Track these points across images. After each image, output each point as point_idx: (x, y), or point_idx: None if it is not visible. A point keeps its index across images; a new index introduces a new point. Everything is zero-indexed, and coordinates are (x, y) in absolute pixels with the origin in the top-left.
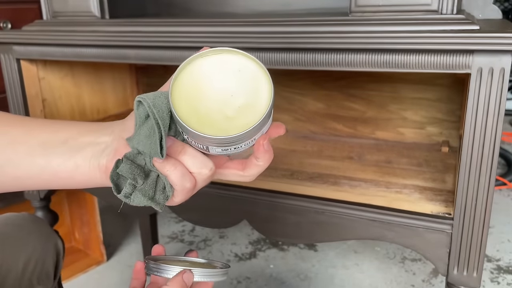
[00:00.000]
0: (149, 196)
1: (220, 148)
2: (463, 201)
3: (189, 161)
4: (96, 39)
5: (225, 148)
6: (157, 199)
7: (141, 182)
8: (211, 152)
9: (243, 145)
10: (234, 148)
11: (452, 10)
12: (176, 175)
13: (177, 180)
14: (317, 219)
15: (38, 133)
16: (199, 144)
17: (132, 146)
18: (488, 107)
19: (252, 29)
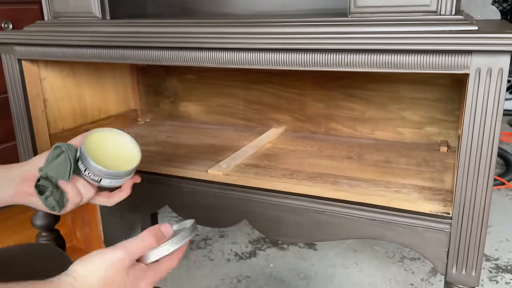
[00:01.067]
0: (56, 200)
1: (108, 180)
2: (462, 201)
3: (81, 187)
4: (97, 39)
5: (110, 180)
6: (60, 203)
7: (55, 191)
8: (101, 183)
9: (120, 181)
10: (116, 181)
11: (451, 11)
12: (73, 192)
13: (72, 195)
14: (316, 219)
15: None
16: (95, 177)
17: (43, 171)
18: (486, 107)
19: (251, 30)
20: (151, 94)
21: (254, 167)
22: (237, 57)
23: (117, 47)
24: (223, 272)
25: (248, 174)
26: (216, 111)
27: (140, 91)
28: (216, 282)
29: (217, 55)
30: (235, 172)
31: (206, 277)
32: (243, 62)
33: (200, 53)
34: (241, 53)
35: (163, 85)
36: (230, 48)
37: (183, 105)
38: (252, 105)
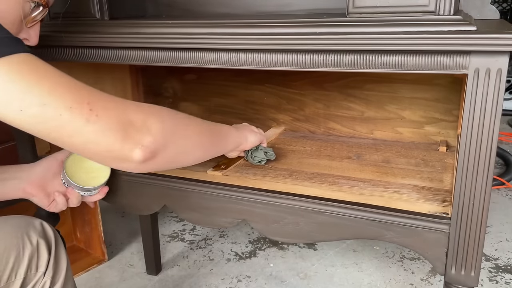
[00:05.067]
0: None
1: (82, 192)
2: (461, 201)
3: (71, 195)
4: (96, 40)
5: (83, 192)
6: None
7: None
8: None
9: (92, 192)
10: (89, 193)
11: (450, 11)
12: (61, 199)
13: (61, 201)
14: (315, 219)
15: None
16: (74, 189)
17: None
18: (485, 107)
19: (250, 31)
20: (150, 95)
21: (253, 168)
22: (237, 58)
23: (116, 47)
24: (223, 272)
25: (247, 175)
26: (216, 111)
27: (140, 92)
28: (216, 282)
29: (217, 56)
30: (234, 173)
31: (206, 277)
32: (242, 63)
33: (200, 54)
34: (240, 54)
35: (163, 85)
36: (229, 49)
37: (183, 105)
38: (251, 105)
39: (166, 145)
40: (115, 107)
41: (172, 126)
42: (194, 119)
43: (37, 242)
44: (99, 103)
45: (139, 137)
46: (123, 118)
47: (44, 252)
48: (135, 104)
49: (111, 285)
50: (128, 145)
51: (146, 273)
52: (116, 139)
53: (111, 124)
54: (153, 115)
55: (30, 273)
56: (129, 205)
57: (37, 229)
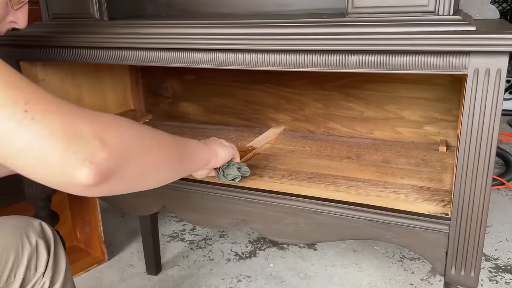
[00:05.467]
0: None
1: None
2: (460, 201)
3: None
4: (95, 40)
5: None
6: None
7: None
8: None
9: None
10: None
11: (449, 11)
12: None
13: None
14: (315, 219)
15: None
16: None
17: None
18: (485, 107)
19: (250, 31)
20: (150, 95)
21: (253, 168)
22: (236, 58)
23: (116, 48)
24: (223, 272)
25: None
26: (215, 111)
27: (139, 92)
28: (216, 282)
29: (216, 56)
30: None
31: (206, 277)
32: (242, 63)
33: (199, 54)
34: (240, 54)
35: (162, 85)
36: (229, 49)
37: (182, 105)
38: (251, 105)
39: (125, 164)
40: (60, 111)
41: (133, 140)
42: (159, 133)
43: (36, 242)
44: (39, 104)
45: (89, 152)
46: (67, 125)
47: (43, 253)
48: (89, 112)
49: (111, 285)
50: (72, 160)
51: (146, 273)
52: (55, 150)
53: (49, 130)
54: (110, 125)
55: (29, 274)
56: (128, 205)
57: (36, 230)
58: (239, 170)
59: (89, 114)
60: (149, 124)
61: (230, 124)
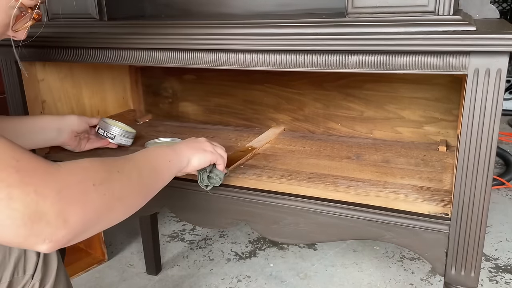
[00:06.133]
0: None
1: (119, 137)
2: (460, 201)
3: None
4: (95, 41)
5: (121, 137)
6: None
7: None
8: (115, 140)
9: (127, 140)
10: (125, 139)
11: (449, 11)
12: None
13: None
14: (315, 220)
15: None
16: (111, 135)
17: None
18: (485, 107)
19: (250, 31)
20: (150, 95)
21: (252, 168)
22: (236, 58)
23: (116, 48)
24: (223, 272)
25: (247, 175)
26: (215, 111)
27: (139, 92)
28: (216, 282)
29: (216, 56)
30: (233, 173)
31: (206, 277)
32: (242, 63)
33: (199, 54)
34: (240, 54)
35: (162, 86)
36: (229, 49)
37: (182, 105)
38: (251, 105)
39: (87, 230)
40: (24, 196)
41: (100, 207)
42: (128, 172)
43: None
44: (2, 191)
45: (49, 233)
46: (31, 211)
47: (33, 255)
48: (57, 184)
49: (111, 285)
50: (33, 240)
51: (146, 273)
52: (17, 236)
53: (13, 218)
54: (76, 201)
55: (17, 276)
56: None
57: None
58: (209, 179)
59: (55, 190)
60: (149, 124)
61: (230, 124)
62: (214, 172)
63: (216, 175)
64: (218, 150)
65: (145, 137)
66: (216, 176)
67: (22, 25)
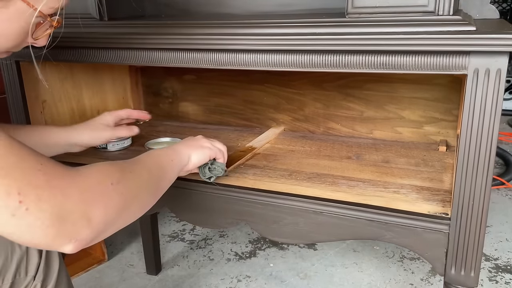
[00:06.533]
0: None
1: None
2: (460, 201)
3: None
4: (96, 41)
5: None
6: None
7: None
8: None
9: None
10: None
11: (449, 11)
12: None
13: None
14: (315, 219)
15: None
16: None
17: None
18: (484, 107)
19: (250, 31)
20: (150, 95)
21: (252, 168)
22: (236, 58)
23: (116, 48)
24: (223, 272)
25: (247, 175)
26: (215, 111)
27: (139, 92)
28: (216, 282)
29: (216, 56)
30: (233, 173)
31: (206, 277)
32: (242, 63)
33: (199, 54)
34: (240, 54)
35: (162, 86)
36: (229, 50)
37: (182, 105)
38: (251, 105)
39: (108, 229)
40: (51, 197)
41: (119, 205)
42: (139, 172)
43: (27, 246)
44: (32, 193)
45: (74, 232)
46: (58, 211)
47: (35, 256)
48: (79, 186)
49: (111, 285)
50: (59, 240)
51: (146, 273)
52: (46, 236)
53: (42, 219)
54: (97, 201)
55: (19, 277)
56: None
57: None
58: (210, 171)
59: (78, 191)
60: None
61: (230, 124)
62: (215, 164)
63: (218, 166)
64: (216, 145)
65: (145, 137)
66: (217, 167)
67: (42, 33)
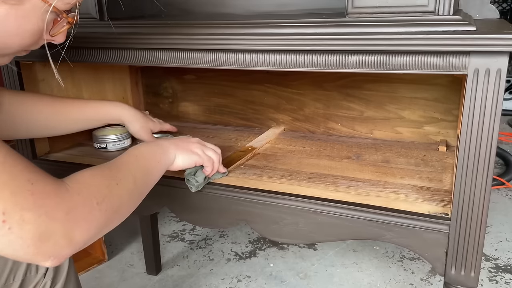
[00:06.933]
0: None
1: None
2: (460, 201)
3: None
4: (96, 41)
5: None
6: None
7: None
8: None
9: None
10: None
11: (449, 11)
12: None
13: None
14: (315, 220)
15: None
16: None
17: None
18: (485, 107)
19: (250, 31)
20: (150, 95)
21: (252, 168)
22: (236, 58)
23: (116, 48)
24: (223, 272)
25: (247, 175)
26: (215, 111)
27: (139, 92)
28: (216, 282)
29: (216, 56)
30: (233, 173)
31: (206, 277)
32: (242, 63)
33: (199, 54)
34: (240, 54)
35: (162, 86)
36: (229, 50)
37: (182, 105)
38: (251, 105)
39: (87, 243)
40: (36, 218)
41: (101, 223)
42: (125, 182)
43: None
44: (17, 214)
45: (55, 251)
46: (41, 232)
47: None
48: (66, 206)
49: (111, 285)
50: (39, 257)
51: (146, 273)
52: (27, 254)
53: (24, 239)
54: (81, 222)
55: (29, 275)
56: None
57: None
58: (188, 182)
59: (64, 212)
60: None
61: (230, 124)
62: (197, 174)
63: (195, 177)
64: (208, 153)
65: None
66: (193, 179)
67: (58, 30)
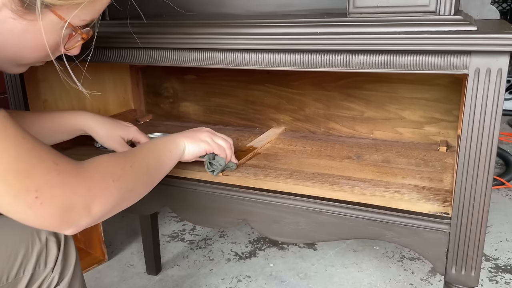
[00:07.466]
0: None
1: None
2: (461, 201)
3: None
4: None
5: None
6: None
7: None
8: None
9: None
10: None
11: (450, 11)
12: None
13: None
14: (316, 219)
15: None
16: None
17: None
18: (485, 107)
19: (251, 31)
20: (151, 94)
21: (253, 168)
22: (237, 58)
23: (116, 48)
24: (223, 272)
25: (248, 175)
26: (216, 111)
27: (140, 92)
28: (216, 282)
29: (217, 56)
30: (234, 173)
31: (206, 277)
32: (242, 63)
33: (200, 54)
34: (240, 54)
35: (163, 85)
36: (229, 49)
37: (183, 105)
38: (251, 105)
39: (104, 217)
40: (63, 194)
41: (117, 199)
42: (139, 166)
43: (46, 239)
44: (47, 191)
45: (76, 220)
46: (66, 204)
47: (53, 249)
48: (86, 183)
49: (111, 285)
50: (63, 226)
51: (146, 273)
52: (53, 223)
53: (52, 211)
54: (99, 196)
55: (38, 269)
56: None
57: None
58: (211, 165)
59: (85, 188)
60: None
61: (230, 124)
62: (217, 159)
63: (217, 161)
64: (218, 141)
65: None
66: (216, 162)
67: (73, 44)
